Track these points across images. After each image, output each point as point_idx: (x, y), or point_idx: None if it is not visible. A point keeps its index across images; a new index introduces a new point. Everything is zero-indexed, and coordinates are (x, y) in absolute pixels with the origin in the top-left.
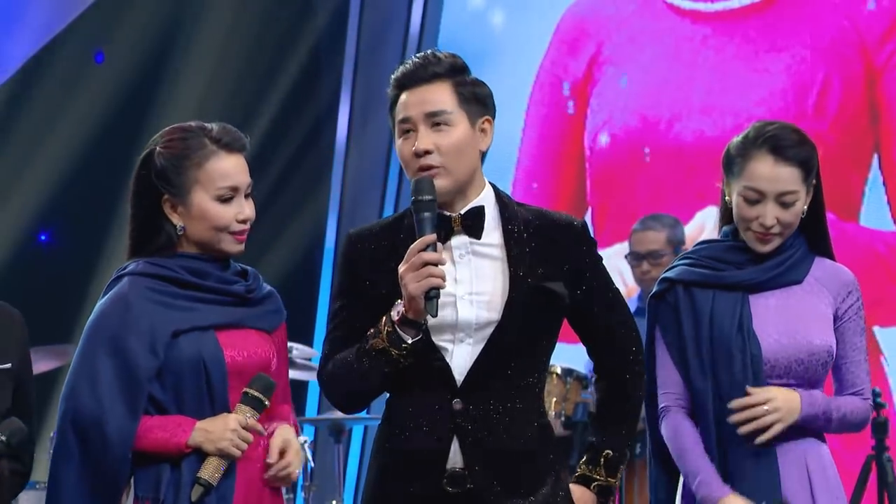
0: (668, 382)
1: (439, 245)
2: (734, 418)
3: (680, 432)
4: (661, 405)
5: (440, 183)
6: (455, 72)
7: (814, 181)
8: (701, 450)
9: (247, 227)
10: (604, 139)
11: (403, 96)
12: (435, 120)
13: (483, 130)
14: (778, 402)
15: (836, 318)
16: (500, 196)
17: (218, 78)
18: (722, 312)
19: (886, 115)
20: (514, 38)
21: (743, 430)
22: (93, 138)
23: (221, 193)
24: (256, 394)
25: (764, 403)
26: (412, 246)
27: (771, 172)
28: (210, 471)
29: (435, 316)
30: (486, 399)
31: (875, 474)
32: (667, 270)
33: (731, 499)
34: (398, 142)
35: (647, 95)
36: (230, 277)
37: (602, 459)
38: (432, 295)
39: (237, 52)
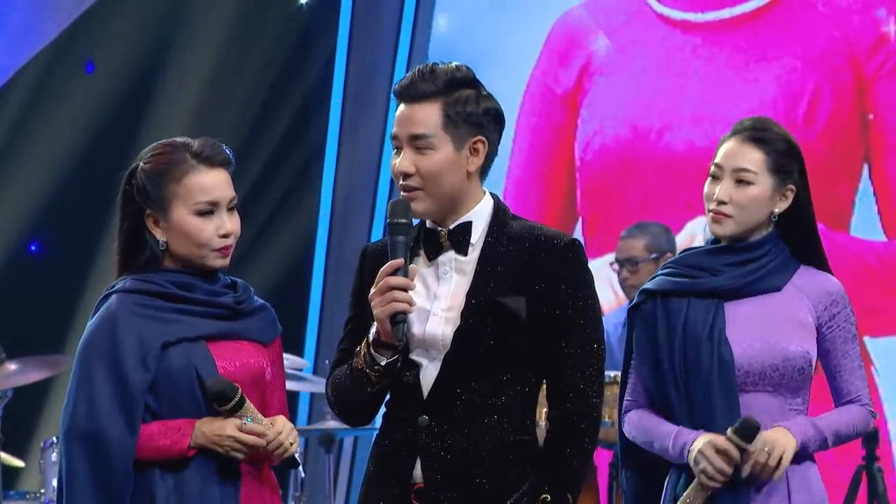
0: (635, 391)
1: (412, 268)
2: (745, 474)
3: (642, 417)
4: (623, 411)
5: (418, 206)
6: (450, 89)
7: (791, 185)
8: (668, 422)
9: (230, 241)
10: (594, 149)
11: (399, 109)
12: (417, 143)
13: (475, 150)
14: (773, 441)
15: (820, 327)
16: (497, 209)
17: (209, 87)
18: (695, 319)
19: (876, 125)
20: (504, 48)
21: (762, 477)
22: (83, 148)
23: (200, 208)
24: (230, 405)
25: (759, 449)
26: (381, 269)
27: (731, 149)
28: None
29: (401, 340)
30: (451, 416)
31: (865, 484)
32: (648, 281)
33: (702, 437)
34: (392, 154)
35: (638, 105)
36: (219, 290)
37: (539, 503)
38: (398, 319)
39: (229, 61)
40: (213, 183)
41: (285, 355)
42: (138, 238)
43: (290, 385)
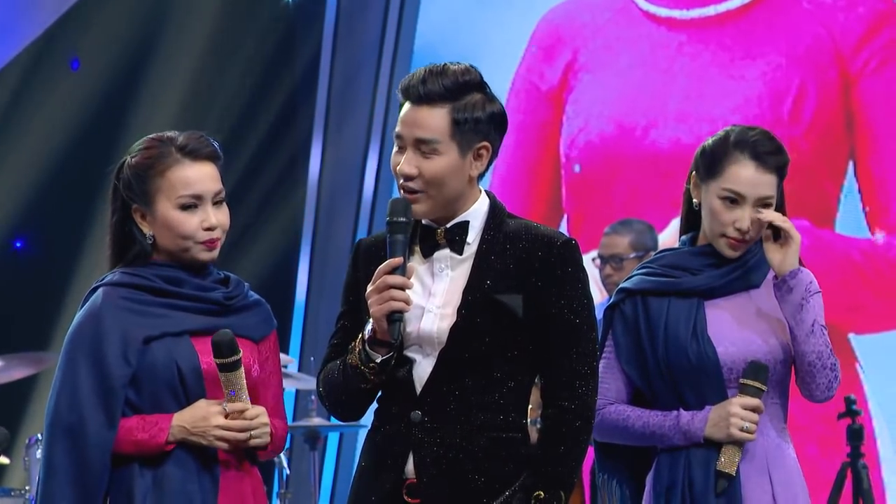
0: (609, 390)
1: (410, 267)
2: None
3: (626, 408)
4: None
5: (418, 208)
6: (459, 93)
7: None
8: (653, 410)
9: (216, 234)
10: (579, 146)
11: (405, 107)
12: (422, 147)
13: (478, 156)
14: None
15: None
16: (493, 208)
17: (195, 84)
18: (676, 319)
19: (861, 122)
20: (489, 45)
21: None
22: (68, 145)
23: (183, 202)
24: (223, 361)
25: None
26: (379, 268)
27: (753, 177)
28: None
29: (397, 339)
30: (443, 412)
31: (850, 481)
32: (625, 280)
33: (718, 407)
34: (393, 150)
35: (623, 103)
36: (208, 284)
37: (533, 500)
38: (395, 318)
39: (214, 60)
40: (197, 176)
41: None
42: (127, 232)
43: None
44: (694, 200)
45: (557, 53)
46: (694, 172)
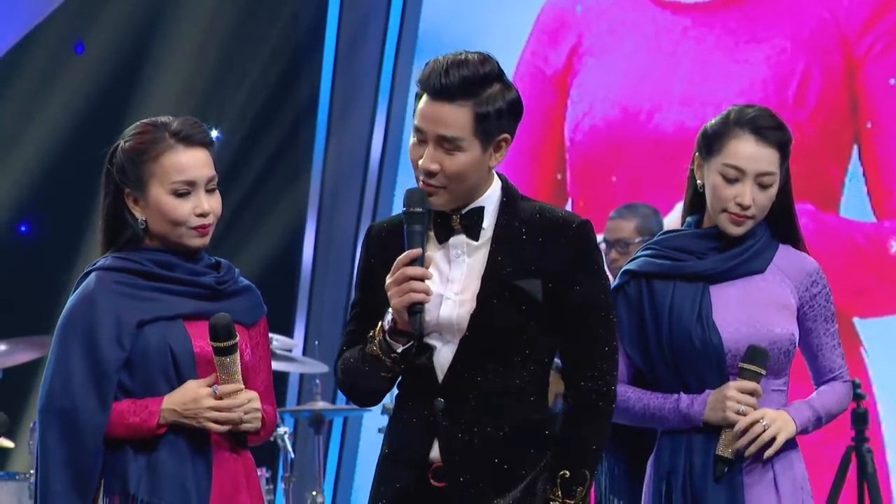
0: None
1: (428, 257)
2: (737, 446)
3: (628, 388)
4: None
5: (436, 200)
6: (480, 86)
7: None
8: (654, 392)
9: (207, 220)
10: (584, 130)
11: (423, 101)
12: (445, 145)
13: (498, 148)
14: (771, 415)
15: (801, 307)
16: (507, 192)
17: (198, 70)
18: (681, 303)
19: (866, 106)
20: (494, 29)
21: (749, 451)
22: (72, 129)
23: (176, 188)
24: (219, 344)
25: (757, 421)
26: (398, 259)
27: (753, 151)
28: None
29: (417, 331)
30: (466, 398)
31: (855, 465)
32: (629, 262)
33: (717, 390)
34: (411, 140)
35: (628, 86)
36: (200, 269)
37: (558, 479)
38: (416, 310)
39: (217, 44)
40: (190, 163)
41: (275, 336)
42: (119, 216)
43: (280, 366)
44: (698, 182)
45: (562, 37)
46: (697, 153)
